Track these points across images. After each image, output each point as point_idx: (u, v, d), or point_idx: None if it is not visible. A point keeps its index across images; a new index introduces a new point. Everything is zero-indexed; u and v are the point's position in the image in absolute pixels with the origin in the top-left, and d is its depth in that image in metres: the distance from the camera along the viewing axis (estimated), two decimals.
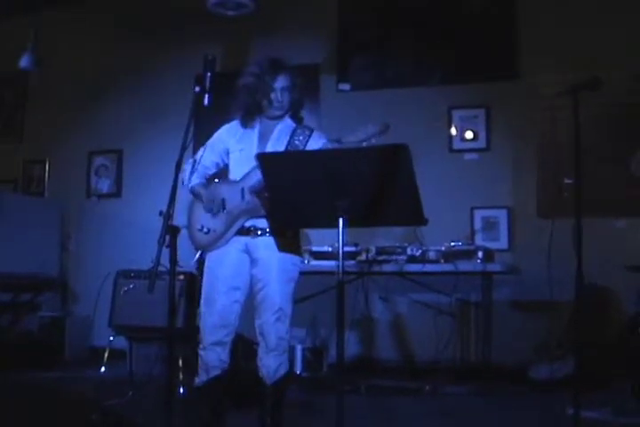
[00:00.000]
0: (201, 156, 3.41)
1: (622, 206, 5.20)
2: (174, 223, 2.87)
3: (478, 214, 5.63)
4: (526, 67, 5.58)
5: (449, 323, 5.36)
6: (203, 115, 3.58)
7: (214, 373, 3.30)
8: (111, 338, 4.83)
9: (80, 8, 6.81)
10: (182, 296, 4.69)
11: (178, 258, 2.93)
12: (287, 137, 3.32)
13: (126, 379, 4.65)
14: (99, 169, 6.78)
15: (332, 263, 4.58)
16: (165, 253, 2.84)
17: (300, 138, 3.31)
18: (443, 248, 5.04)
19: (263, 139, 3.35)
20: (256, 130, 3.38)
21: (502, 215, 5.58)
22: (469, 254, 4.99)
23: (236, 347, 3.51)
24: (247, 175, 3.27)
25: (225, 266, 3.31)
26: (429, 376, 5.09)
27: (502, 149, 5.64)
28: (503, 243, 5.55)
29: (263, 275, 3.27)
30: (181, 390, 4.38)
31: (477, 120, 5.72)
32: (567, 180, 4.84)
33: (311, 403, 4.31)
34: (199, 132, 4.32)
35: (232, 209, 3.29)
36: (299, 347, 5.14)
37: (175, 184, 2.92)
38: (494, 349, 5.11)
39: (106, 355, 4.81)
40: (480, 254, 4.97)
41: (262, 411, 3.29)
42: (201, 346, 3.32)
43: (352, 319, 5.42)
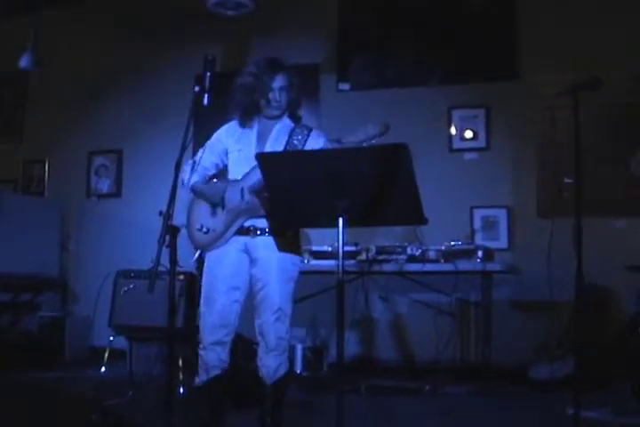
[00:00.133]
0: (200, 157, 3.41)
1: (622, 206, 5.20)
2: (174, 223, 2.87)
3: (478, 214, 5.63)
4: (526, 67, 5.58)
5: (449, 323, 5.36)
6: (202, 115, 3.59)
7: (214, 372, 3.30)
8: (111, 338, 4.83)
9: (80, 8, 6.81)
10: (182, 296, 4.69)
11: (178, 258, 2.93)
12: (286, 136, 3.32)
13: (126, 379, 4.65)
14: (99, 169, 6.78)
15: (332, 263, 4.58)
16: (165, 253, 2.84)
17: (299, 137, 3.31)
18: (443, 248, 5.04)
19: (262, 139, 3.35)
20: (254, 130, 3.38)
21: (502, 215, 5.58)
22: (469, 254, 4.99)
23: (236, 347, 3.51)
24: (247, 175, 3.26)
25: (224, 266, 3.31)
26: (429, 376, 5.09)
27: (502, 149, 5.64)
28: (503, 242, 5.56)
29: (263, 275, 3.27)
30: (181, 389, 4.39)
31: (477, 120, 5.72)
32: (567, 179, 4.84)
33: (311, 403, 4.31)
34: (199, 131, 4.32)
35: (231, 209, 3.29)
36: (299, 347, 5.14)
37: (175, 184, 2.92)
38: (494, 349, 5.11)
39: (106, 355, 4.81)
40: (480, 254, 4.97)
41: (262, 411, 3.29)
42: (201, 346, 3.32)
43: (352, 319, 5.41)
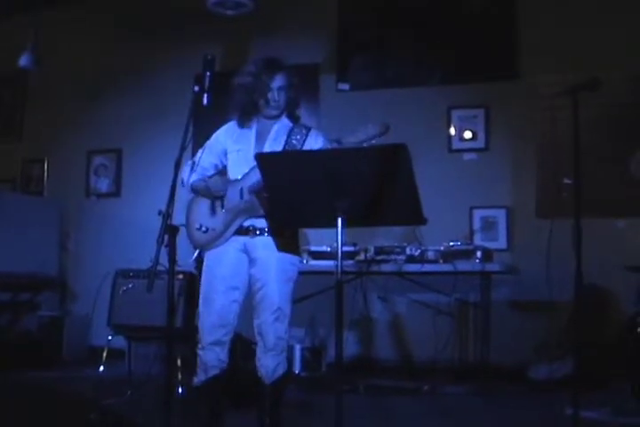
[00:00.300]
0: (199, 157, 3.41)
1: (621, 207, 5.20)
2: (173, 223, 2.87)
3: (477, 214, 5.63)
4: (526, 67, 5.58)
5: (448, 323, 5.36)
6: (202, 114, 3.58)
7: (213, 372, 3.30)
8: (110, 337, 4.82)
9: (80, 8, 6.81)
10: (181, 296, 4.69)
11: (177, 257, 2.93)
12: (285, 136, 3.32)
13: (125, 378, 4.65)
14: (98, 168, 6.77)
15: (331, 263, 4.57)
16: (164, 252, 2.84)
17: (298, 137, 3.31)
18: (442, 248, 5.03)
19: (261, 138, 3.35)
20: (253, 130, 3.38)
21: (501, 215, 5.58)
22: (468, 254, 4.99)
23: (235, 347, 3.51)
24: (246, 175, 3.27)
25: (223, 265, 3.31)
26: (428, 376, 5.09)
27: (501, 149, 5.64)
28: (502, 243, 5.55)
29: (262, 275, 3.27)
30: (180, 389, 4.38)
31: (477, 120, 5.72)
32: (566, 180, 4.83)
33: (310, 403, 4.31)
34: (198, 131, 4.30)
35: (231, 208, 3.29)
36: (297, 347, 5.14)
37: (174, 184, 2.92)
38: (493, 349, 5.11)
39: (104, 354, 4.80)
40: (479, 254, 4.97)
41: (261, 411, 3.30)
42: (199, 346, 3.32)
43: (351, 319, 5.41)
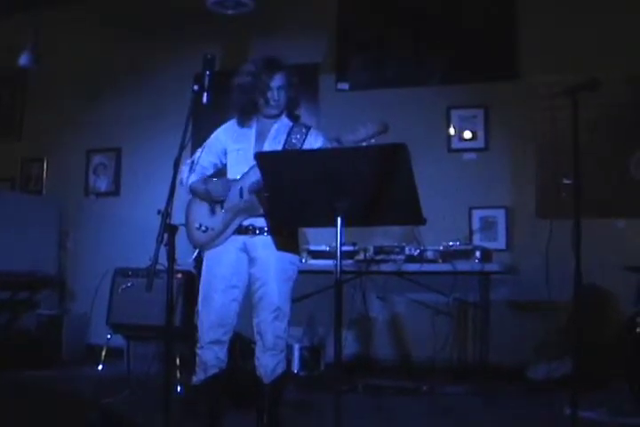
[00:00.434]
0: (199, 156, 3.41)
1: (621, 207, 5.20)
2: (172, 222, 2.87)
3: (476, 214, 5.62)
4: (526, 67, 5.57)
5: (447, 323, 5.36)
6: (201, 113, 3.59)
7: (212, 371, 3.30)
8: (109, 336, 4.82)
9: (80, 7, 6.80)
10: (180, 295, 4.68)
11: (176, 256, 2.93)
12: (284, 136, 3.33)
13: (124, 377, 4.65)
14: (97, 167, 6.77)
15: (330, 262, 4.57)
16: (163, 251, 2.84)
17: (298, 136, 3.31)
18: (441, 248, 5.03)
19: (260, 138, 3.35)
20: (253, 129, 3.38)
21: (500, 215, 5.58)
22: (467, 254, 4.99)
23: (234, 346, 3.51)
24: (246, 174, 3.27)
25: (223, 265, 3.31)
26: (427, 376, 5.08)
27: (501, 149, 5.64)
28: (501, 243, 5.55)
29: (261, 274, 3.27)
30: (179, 388, 4.38)
31: (476, 120, 5.71)
32: (566, 180, 4.83)
33: (308, 402, 4.31)
34: (198, 130, 4.31)
35: (230, 208, 3.29)
36: (296, 346, 5.14)
37: (174, 183, 2.92)
38: (492, 349, 5.11)
39: (103, 353, 4.81)
40: (478, 254, 4.96)
41: (260, 410, 3.30)
42: (199, 345, 3.32)
43: (350, 319, 5.41)
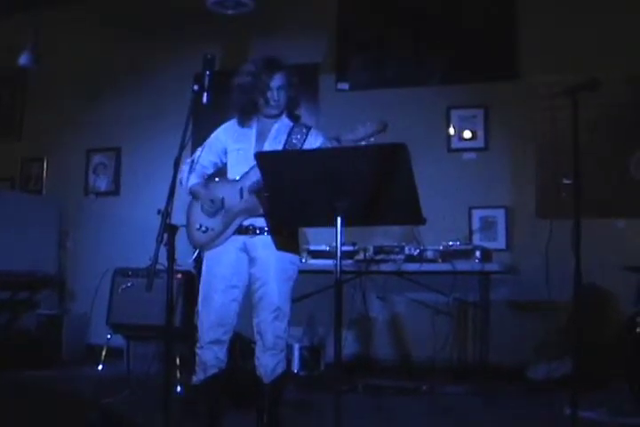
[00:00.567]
0: (199, 156, 3.42)
1: (621, 207, 5.20)
2: (172, 222, 2.87)
3: (476, 214, 5.62)
4: (526, 67, 5.57)
5: (446, 322, 5.36)
6: (201, 113, 3.59)
7: (212, 371, 3.30)
8: (109, 336, 4.82)
9: (80, 7, 6.80)
10: (180, 295, 4.68)
11: (176, 256, 2.93)
12: (285, 136, 3.33)
13: (124, 377, 4.65)
14: (97, 167, 6.77)
15: (330, 262, 4.57)
16: (163, 251, 2.84)
17: (298, 136, 3.31)
18: (440, 248, 5.03)
19: (261, 138, 3.35)
20: (253, 129, 3.38)
21: (500, 215, 5.58)
22: (467, 254, 4.99)
23: (234, 346, 3.51)
24: (246, 174, 3.27)
25: (223, 265, 3.31)
26: (427, 376, 5.08)
27: (501, 149, 5.64)
28: (501, 243, 5.55)
29: (261, 274, 3.27)
30: (179, 388, 4.38)
31: (476, 120, 5.71)
32: (565, 180, 4.83)
33: (308, 402, 4.31)
34: (198, 130, 4.31)
35: (230, 208, 3.29)
36: (296, 346, 5.14)
37: (173, 182, 2.92)
38: (492, 348, 5.11)
39: (103, 353, 4.81)
40: (478, 254, 4.96)
41: (260, 410, 3.30)
42: (198, 345, 3.32)
43: (349, 318, 5.41)
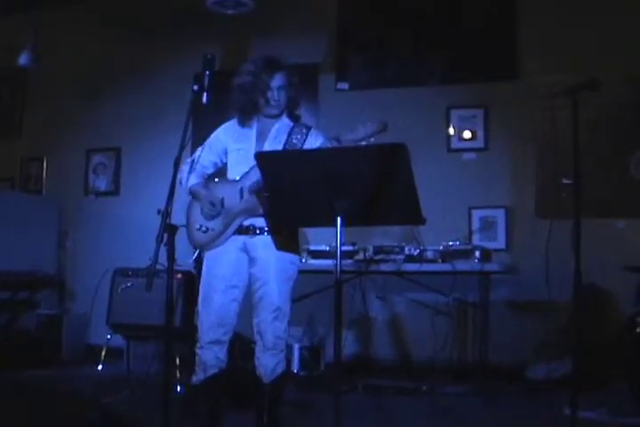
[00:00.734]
0: (199, 155, 3.42)
1: (621, 207, 5.20)
2: (172, 222, 2.87)
3: (476, 214, 5.62)
4: (526, 67, 5.57)
5: (446, 322, 5.36)
6: (201, 113, 3.59)
7: (212, 371, 3.30)
8: (108, 336, 4.82)
9: (80, 7, 6.79)
10: (180, 295, 4.69)
11: (176, 256, 2.93)
12: (285, 136, 3.33)
13: (124, 377, 4.66)
14: (97, 167, 6.76)
15: (330, 262, 4.58)
16: (163, 251, 2.84)
17: (298, 136, 3.31)
18: (440, 248, 5.03)
19: (261, 138, 3.35)
20: (254, 129, 3.38)
21: (500, 215, 5.58)
22: (467, 254, 4.99)
23: (234, 346, 3.51)
24: (246, 174, 3.27)
25: (223, 265, 3.31)
26: (427, 376, 5.08)
27: (501, 149, 5.64)
28: (501, 243, 5.55)
29: (262, 274, 3.27)
30: (179, 388, 4.38)
31: (476, 120, 5.71)
32: (565, 180, 4.83)
33: (308, 402, 4.31)
34: (198, 130, 4.32)
35: (231, 208, 3.29)
36: (296, 346, 5.14)
37: (173, 182, 2.92)
38: (491, 348, 5.11)
39: (103, 353, 4.81)
40: (478, 254, 4.96)
41: (259, 410, 3.30)
42: (198, 345, 3.32)
43: (349, 318, 5.41)
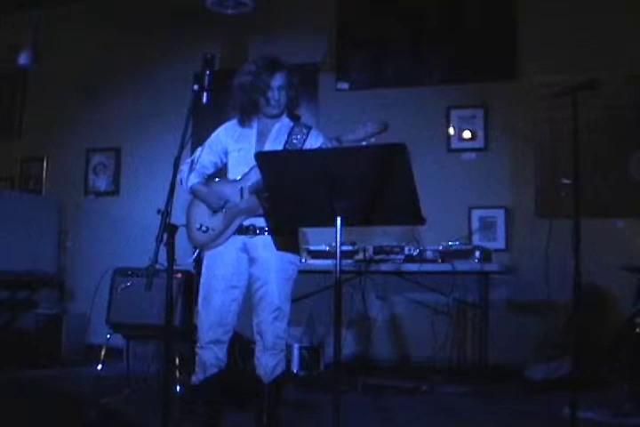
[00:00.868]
0: (199, 156, 3.41)
1: (620, 207, 5.20)
2: (172, 221, 2.87)
3: (476, 214, 5.63)
4: (526, 67, 5.57)
5: (446, 322, 5.36)
6: (201, 113, 3.58)
7: (211, 371, 3.31)
8: (108, 336, 4.81)
9: (80, 7, 6.80)
10: (180, 294, 4.68)
11: (176, 256, 2.93)
12: (285, 136, 3.33)
13: (123, 377, 4.65)
14: (97, 167, 6.77)
15: (330, 262, 4.58)
16: (163, 251, 2.84)
17: (298, 136, 3.31)
18: (440, 248, 5.03)
19: (261, 138, 3.35)
20: (254, 129, 3.38)
21: (500, 215, 5.58)
22: (467, 254, 4.99)
23: (234, 346, 3.51)
24: (247, 174, 3.27)
25: (223, 265, 3.31)
26: (426, 376, 5.08)
27: (500, 149, 5.64)
28: (500, 243, 5.55)
29: (262, 274, 3.27)
30: (178, 388, 4.38)
31: (476, 120, 5.72)
32: (564, 180, 4.83)
33: (308, 402, 4.31)
34: (198, 130, 4.32)
35: (231, 208, 3.29)
36: (295, 346, 5.13)
37: (173, 182, 2.92)
38: (491, 348, 5.10)
39: (103, 353, 4.79)
40: (477, 254, 4.96)
41: (259, 410, 3.30)
42: (198, 344, 3.32)
43: (349, 318, 5.42)
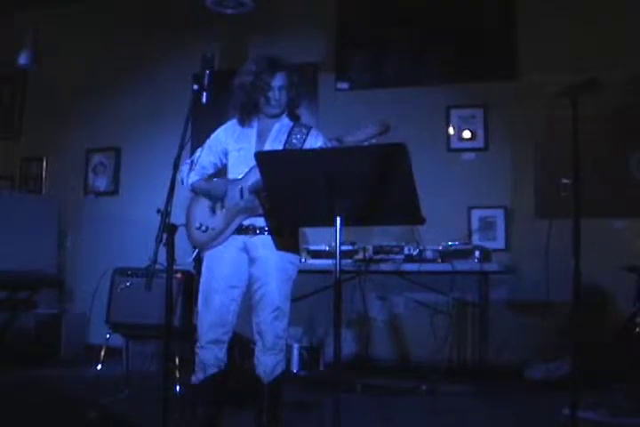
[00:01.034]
0: (199, 156, 3.41)
1: (620, 207, 5.20)
2: (172, 221, 2.87)
3: (476, 214, 5.63)
4: (525, 67, 5.57)
5: (446, 322, 5.36)
6: (201, 113, 3.58)
7: (211, 371, 3.30)
8: (108, 336, 4.82)
9: (80, 7, 6.79)
10: (179, 294, 4.68)
11: (175, 256, 2.93)
12: (285, 136, 3.33)
13: (122, 377, 4.65)
14: (96, 167, 6.77)
15: (330, 262, 4.58)
16: (163, 251, 2.84)
17: (298, 136, 3.31)
18: (440, 248, 5.03)
19: (261, 138, 3.35)
20: (254, 129, 3.38)
21: (500, 215, 5.58)
22: (466, 254, 4.99)
23: (234, 346, 3.51)
24: (247, 174, 3.27)
25: (223, 265, 3.31)
26: (426, 375, 5.08)
27: (500, 149, 5.64)
28: (500, 243, 5.55)
29: (262, 274, 3.27)
30: (178, 388, 4.38)
31: (476, 120, 5.72)
32: (564, 180, 4.83)
33: (307, 402, 4.30)
34: (197, 130, 4.31)
35: (231, 207, 3.29)
36: (295, 346, 5.14)
37: (173, 182, 2.92)
38: (491, 348, 5.11)
39: (102, 353, 4.80)
40: (477, 254, 4.96)
41: (259, 410, 3.30)
42: (198, 344, 3.32)
43: (349, 318, 5.42)
